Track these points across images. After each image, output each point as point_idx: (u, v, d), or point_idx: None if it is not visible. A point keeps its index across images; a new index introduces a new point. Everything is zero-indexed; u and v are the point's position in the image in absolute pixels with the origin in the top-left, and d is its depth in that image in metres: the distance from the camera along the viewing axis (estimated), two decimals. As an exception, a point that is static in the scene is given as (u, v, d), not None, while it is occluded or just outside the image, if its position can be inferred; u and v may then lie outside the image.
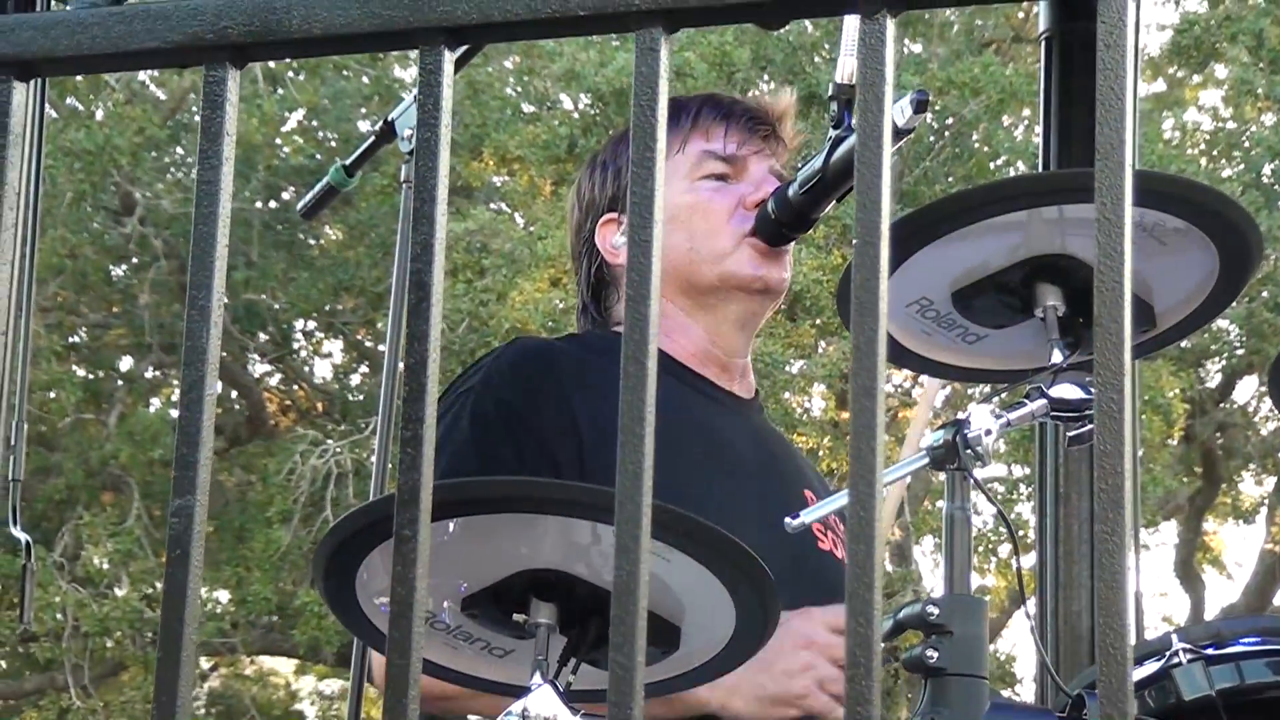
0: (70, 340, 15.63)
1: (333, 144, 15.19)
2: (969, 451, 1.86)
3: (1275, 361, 2.00)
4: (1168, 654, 1.87)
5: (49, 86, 4.32)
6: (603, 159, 2.75)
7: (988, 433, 1.87)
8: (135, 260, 15.42)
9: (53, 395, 14.63)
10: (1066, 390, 1.91)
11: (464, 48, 1.37)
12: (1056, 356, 1.91)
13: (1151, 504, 13.85)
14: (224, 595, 14.93)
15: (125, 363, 16.16)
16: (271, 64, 13.72)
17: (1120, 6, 1.09)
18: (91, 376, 15.75)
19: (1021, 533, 12.08)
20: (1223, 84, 15.03)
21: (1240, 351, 14.51)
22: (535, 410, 2.47)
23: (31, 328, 3.26)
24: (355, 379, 16.45)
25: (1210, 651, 1.87)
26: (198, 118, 1.24)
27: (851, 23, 2.12)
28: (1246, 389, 15.52)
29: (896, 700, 11.30)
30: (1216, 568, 17.22)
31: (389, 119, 3.05)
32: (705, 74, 12.62)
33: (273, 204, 15.50)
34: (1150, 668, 1.88)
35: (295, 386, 16.85)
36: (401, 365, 1.98)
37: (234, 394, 16.40)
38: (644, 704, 2.06)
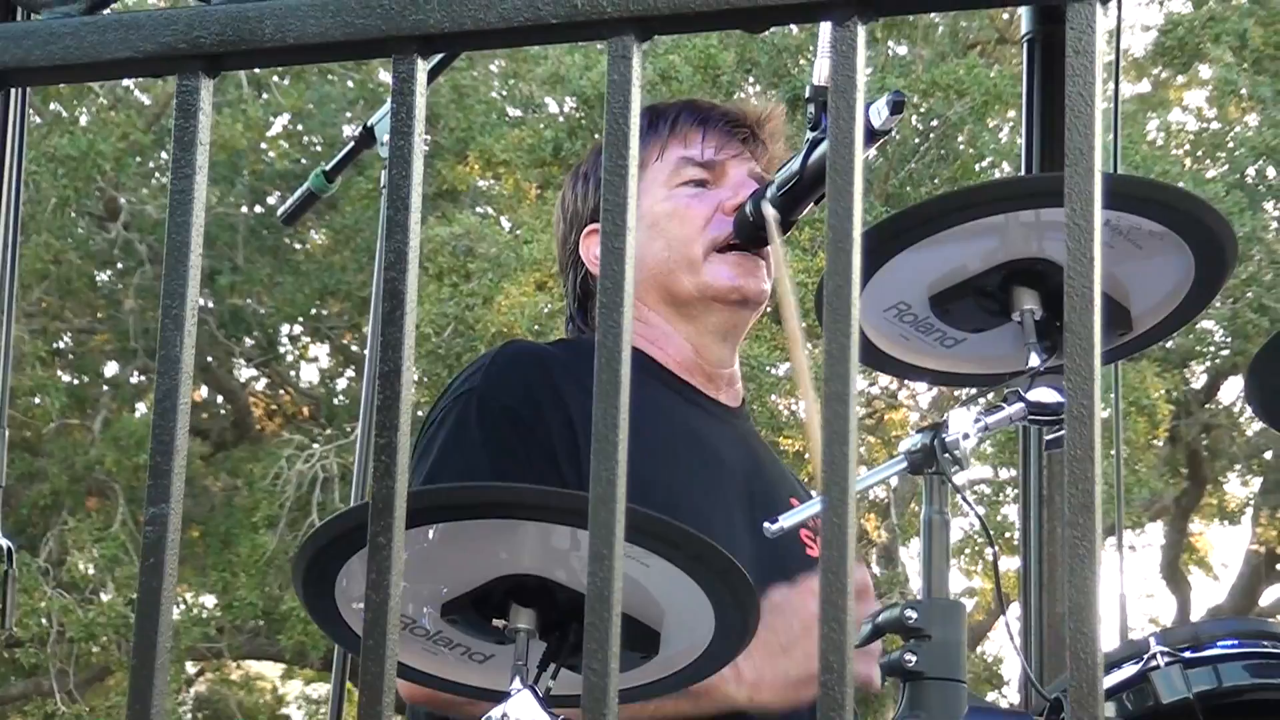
0: (55, 346, 15.59)
1: (318, 149, 15.17)
2: (947, 455, 1.87)
3: (1250, 366, 2.01)
4: (1145, 657, 1.88)
5: (32, 93, 4.30)
6: (584, 170, 2.74)
7: (965, 436, 1.87)
8: (120, 266, 15.40)
9: (37, 401, 14.59)
10: (1044, 394, 1.91)
11: (438, 56, 1.37)
12: (1034, 360, 1.91)
13: (1137, 505, 13.85)
14: (210, 600, 14.91)
15: (110, 368, 16.12)
16: (257, 70, 13.69)
17: (1089, 13, 1.09)
18: (76, 382, 15.72)
19: (1008, 534, 12.09)
20: (1207, 84, 15.04)
21: (1225, 353, 14.52)
22: (537, 411, 2.47)
23: (15, 333, 3.25)
24: (341, 383, 16.43)
25: (1188, 654, 1.88)
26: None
27: (828, 26, 2.12)
28: (1231, 390, 15.54)
29: (883, 703, 11.30)
30: (1203, 569, 17.23)
31: (368, 124, 3.05)
32: (690, 77, 12.61)
33: (258, 209, 15.48)
34: (1128, 670, 1.89)
35: (281, 391, 16.82)
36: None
37: (220, 399, 16.39)
38: (673, 701, 2.04)
